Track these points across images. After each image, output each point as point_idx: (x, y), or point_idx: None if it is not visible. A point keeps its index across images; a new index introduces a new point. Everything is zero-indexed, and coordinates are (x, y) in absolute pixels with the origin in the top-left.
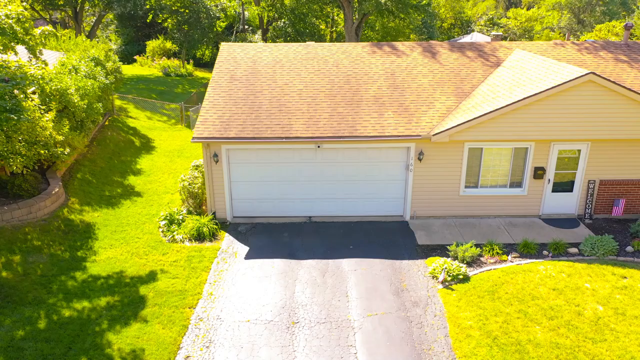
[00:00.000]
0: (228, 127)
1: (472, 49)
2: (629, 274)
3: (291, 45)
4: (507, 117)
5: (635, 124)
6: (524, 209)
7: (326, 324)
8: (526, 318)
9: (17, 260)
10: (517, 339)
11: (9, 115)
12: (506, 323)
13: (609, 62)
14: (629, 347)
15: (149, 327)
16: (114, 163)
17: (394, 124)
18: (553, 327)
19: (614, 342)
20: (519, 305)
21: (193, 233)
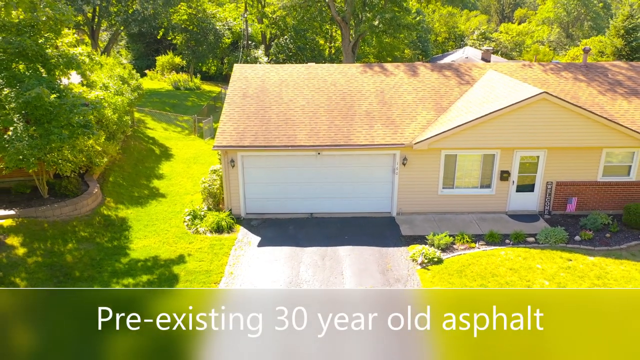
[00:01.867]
0: (243, 137)
1: (450, 69)
2: (573, 257)
3: (295, 66)
4: (476, 128)
5: (583, 135)
6: (493, 206)
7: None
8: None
9: (71, 247)
10: None
11: (85, 130)
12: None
13: (568, 81)
14: None
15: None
16: (139, 169)
17: (382, 135)
18: None
19: None
20: (481, 280)
21: (213, 226)
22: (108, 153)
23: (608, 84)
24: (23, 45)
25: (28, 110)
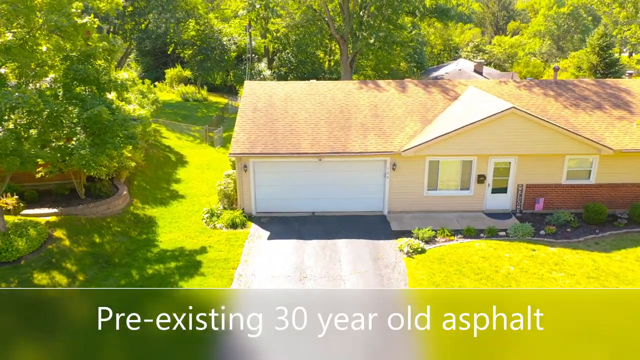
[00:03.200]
0: (254, 145)
1: (436, 85)
2: (537, 248)
3: (298, 83)
4: (455, 138)
5: (548, 144)
6: (472, 206)
7: (325, 277)
8: (460, 274)
9: (108, 239)
10: (452, 285)
11: (131, 140)
12: (446, 277)
13: (539, 96)
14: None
15: (207, 279)
16: (159, 174)
17: (375, 143)
18: (477, 279)
19: (516, 288)
20: (457, 266)
21: (229, 222)
22: (134, 160)
23: (574, 99)
24: (87, 72)
25: (89, 124)
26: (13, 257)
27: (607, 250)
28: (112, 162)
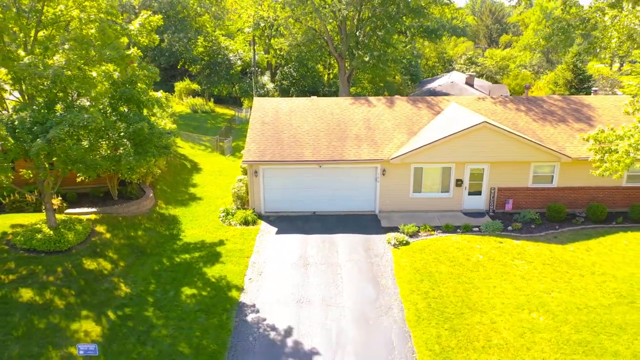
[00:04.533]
0: (263, 154)
1: (422, 101)
2: (504, 241)
3: (301, 99)
4: (436, 148)
5: (516, 153)
6: (451, 206)
7: (325, 264)
8: (437, 261)
9: (140, 233)
10: (429, 270)
11: (165, 150)
12: (425, 263)
13: (512, 111)
14: (490, 274)
15: (226, 266)
16: (177, 179)
17: (367, 152)
18: (451, 265)
19: (483, 272)
20: (435, 255)
21: (242, 220)
22: (158, 166)
23: (542, 113)
24: (132, 93)
25: (133, 137)
26: (65, 247)
27: (563, 242)
28: (142, 168)
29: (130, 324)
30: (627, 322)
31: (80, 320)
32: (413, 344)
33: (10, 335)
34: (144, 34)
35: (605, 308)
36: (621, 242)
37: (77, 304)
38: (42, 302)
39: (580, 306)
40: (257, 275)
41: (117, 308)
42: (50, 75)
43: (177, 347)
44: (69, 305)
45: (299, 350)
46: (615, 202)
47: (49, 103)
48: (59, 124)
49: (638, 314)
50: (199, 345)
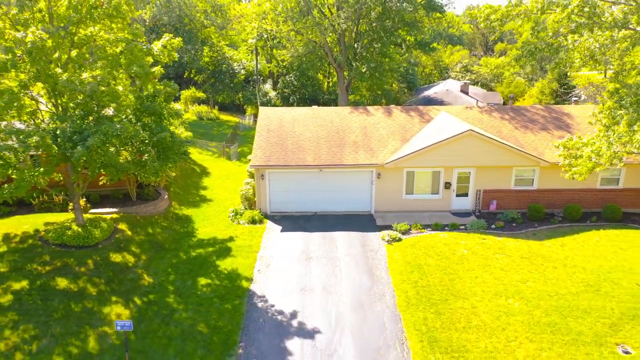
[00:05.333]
0: (269, 159)
1: (415, 110)
2: (487, 237)
3: (303, 108)
4: (426, 154)
5: (499, 158)
6: (440, 207)
7: (325, 258)
8: (426, 255)
9: (158, 231)
10: (419, 262)
11: (184, 156)
12: (415, 257)
13: (497, 119)
14: (473, 266)
15: (237, 259)
16: (188, 182)
17: (364, 157)
18: (439, 258)
19: (466, 264)
20: (424, 250)
21: (249, 219)
22: (173, 171)
23: (525, 121)
24: (155, 107)
25: (157, 144)
26: (92, 242)
27: (540, 239)
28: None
29: (155, 308)
30: (592, 307)
31: (111, 304)
32: (403, 325)
33: (51, 317)
34: (165, 53)
35: (573, 295)
36: (593, 239)
37: (107, 291)
38: (76, 289)
39: (551, 293)
40: (265, 267)
41: (142, 295)
42: (88, 91)
43: (197, 327)
44: (100, 292)
45: (303, 329)
46: (590, 203)
47: (84, 115)
48: (95, 134)
49: (602, 300)
50: (216, 326)
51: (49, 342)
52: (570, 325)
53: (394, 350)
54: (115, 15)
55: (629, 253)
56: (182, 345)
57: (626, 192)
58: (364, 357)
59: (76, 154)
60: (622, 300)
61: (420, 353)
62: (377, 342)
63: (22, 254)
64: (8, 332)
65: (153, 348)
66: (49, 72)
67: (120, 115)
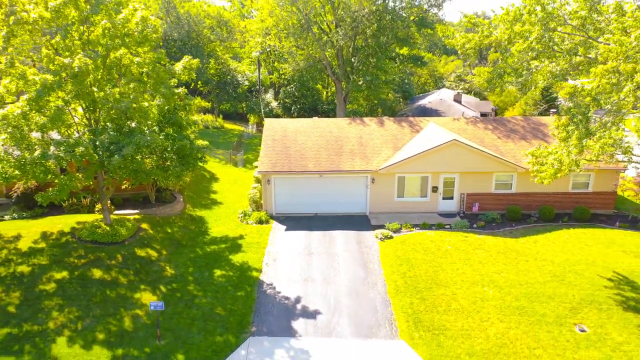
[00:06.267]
0: (274, 165)
1: (406, 120)
2: (469, 235)
3: (304, 120)
4: (415, 161)
5: (480, 165)
6: (428, 208)
7: (325, 253)
8: (414, 250)
9: (175, 230)
10: (407, 256)
11: (201, 160)
12: (405, 252)
13: (481, 129)
14: (455, 260)
15: (247, 254)
16: (199, 187)
17: (359, 164)
18: (425, 253)
19: (449, 258)
20: (413, 246)
21: (257, 220)
22: (187, 176)
23: (506, 131)
24: (176, 119)
25: (178, 152)
26: (119, 239)
27: (516, 236)
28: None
29: (178, 294)
30: (556, 294)
31: (140, 292)
32: (392, 309)
33: (91, 301)
34: (185, 73)
35: (541, 284)
36: (563, 237)
37: (136, 280)
38: (110, 279)
39: (522, 282)
40: (272, 261)
41: (166, 284)
42: (123, 108)
43: (215, 310)
44: (130, 281)
45: (306, 312)
46: (563, 205)
47: (118, 128)
48: (129, 144)
49: (565, 288)
50: (232, 309)
51: (91, 322)
52: (536, 309)
53: (384, 329)
54: (144, 42)
55: (594, 249)
56: (203, 325)
57: (595, 195)
58: (358, 333)
59: (114, 161)
60: (582, 288)
61: (406, 331)
62: (369, 322)
63: (59, 249)
64: (55, 314)
65: (179, 326)
66: (87, 91)
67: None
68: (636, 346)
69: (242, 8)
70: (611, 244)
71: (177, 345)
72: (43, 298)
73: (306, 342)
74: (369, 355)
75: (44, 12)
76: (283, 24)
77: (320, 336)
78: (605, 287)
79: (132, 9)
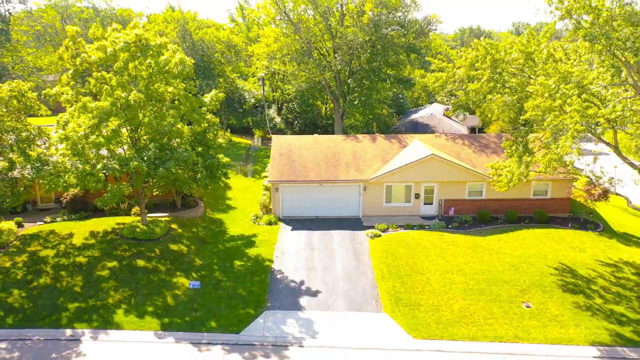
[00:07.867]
0: (282, 176)
1: (394, 137)
2: (444, 234)
3: (307, 136)
4: (400, 172)
5: (455, 175)
6: (412, 212)
7: (325, 248)
8: (398, 246)
9: (199, 229)
10: (392, 251)
11: (225, 175)
12: (390, 247)
13: (458, 145)
14: (431, 254)
15: (260, 249)
16: (216, 194)
17: (354, 175)
18: (407, 248)
19: (427, 252)
20: (398, 243)
21: (267, 221)
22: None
23: (480, 146)
24: (206, 140)
25: (207, 166)
26: (155, 237)
27: (484, 235)
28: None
29: (207, 279)
30: (511, 279)
31: (177, 277)
32: (378, 290)
33: (139, 283)
34: (212, 103)
35: (499, 272)
36: (523, 235)
37: (172, 269)
38: (151, 267)
39: (484, 271)
40: (281, 254)
41: (196, 271)
42: (167, 131)
43: (237, 291)
44: (168, 269)
45: (309, 292)
46: (525, 209)
47: (160, 146)
48: (170, 159)
49: (518, 275)
50: (250, 290)
51: (141, 299)
52: (493, 290)
53: (371, 305)
54: (179, 77)
55: (547, 245)
56: (229, 302)
57: (552, 201)
58: (351, 308)
59: (159, 172)
60: (533, 275)
61: (388, 306)
62: (360, 300)
63: (107, 244)
64: (112, 293)
65: (210, 303)
66: (134, 117)
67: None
68: (568, 317)
69: (248, 32)
70: (562, 241)
71: (210, 316)
72: (101, 281)
73: (310, 314)
74: (359, 324)
75: (102, 55)
76: (287, 49)
77: (320, 310)
78: (551, 274)
79: (171, 51)
